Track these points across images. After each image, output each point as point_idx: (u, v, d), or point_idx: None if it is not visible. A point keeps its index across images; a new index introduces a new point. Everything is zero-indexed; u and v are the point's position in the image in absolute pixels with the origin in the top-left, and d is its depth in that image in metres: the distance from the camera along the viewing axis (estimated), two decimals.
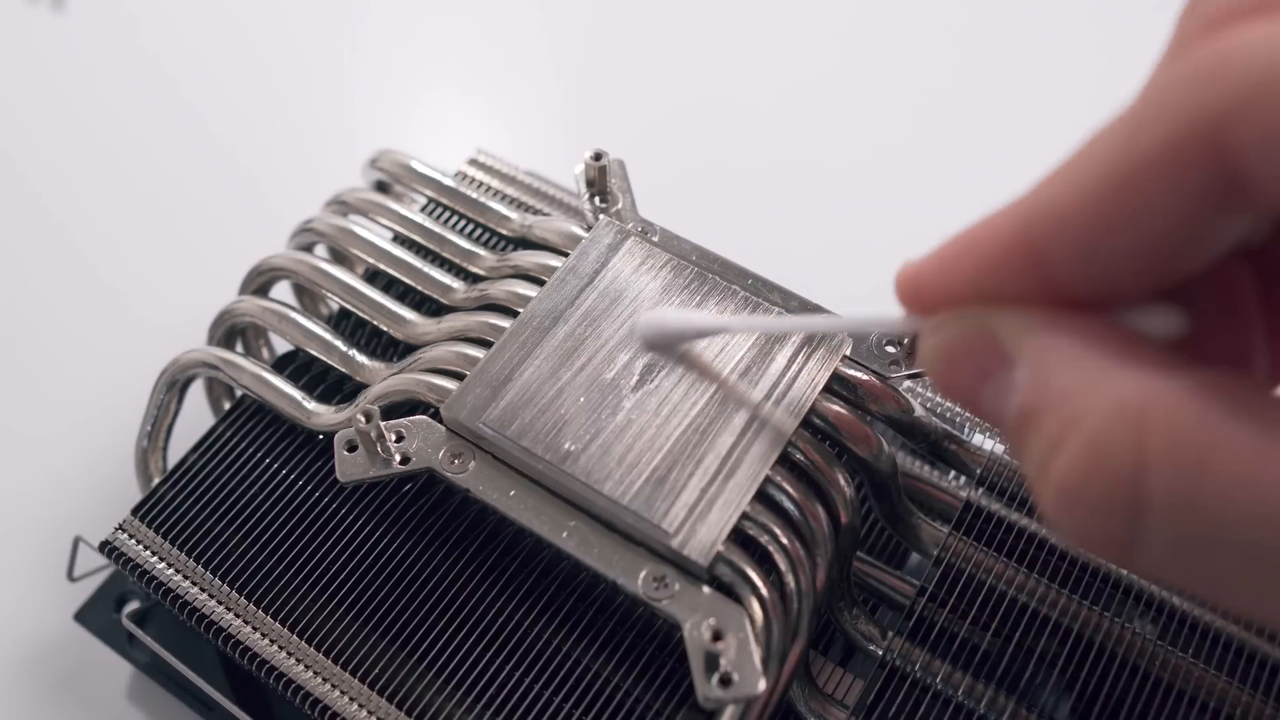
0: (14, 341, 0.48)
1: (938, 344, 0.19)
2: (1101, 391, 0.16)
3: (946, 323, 0.19)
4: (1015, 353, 0.18)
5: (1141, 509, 0.15)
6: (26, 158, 0.54)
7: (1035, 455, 0.17)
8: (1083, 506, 0.16)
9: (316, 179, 0.47)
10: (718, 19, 0.59)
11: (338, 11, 0.60)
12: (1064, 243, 0.17)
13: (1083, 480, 0.16)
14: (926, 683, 0.29)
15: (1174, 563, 0.16)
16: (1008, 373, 0.18)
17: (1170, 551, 0.16)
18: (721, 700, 0.26)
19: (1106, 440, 0.16)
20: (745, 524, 0.28)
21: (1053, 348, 0.17)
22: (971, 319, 0.18)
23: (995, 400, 0.18)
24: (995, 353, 0.18)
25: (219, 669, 0.35)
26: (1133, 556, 0.16)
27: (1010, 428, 0.18)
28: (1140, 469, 0.15)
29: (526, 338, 0.31)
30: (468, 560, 0.32)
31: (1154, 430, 0.15)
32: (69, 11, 0.60)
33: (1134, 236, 0.16)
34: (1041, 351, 0.17)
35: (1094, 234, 0.17)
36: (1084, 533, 0.16)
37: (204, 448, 0.35)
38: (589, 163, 0.35)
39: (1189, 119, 0.15)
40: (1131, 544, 0.16)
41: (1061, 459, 0.16)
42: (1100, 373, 0.16)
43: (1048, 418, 0.17)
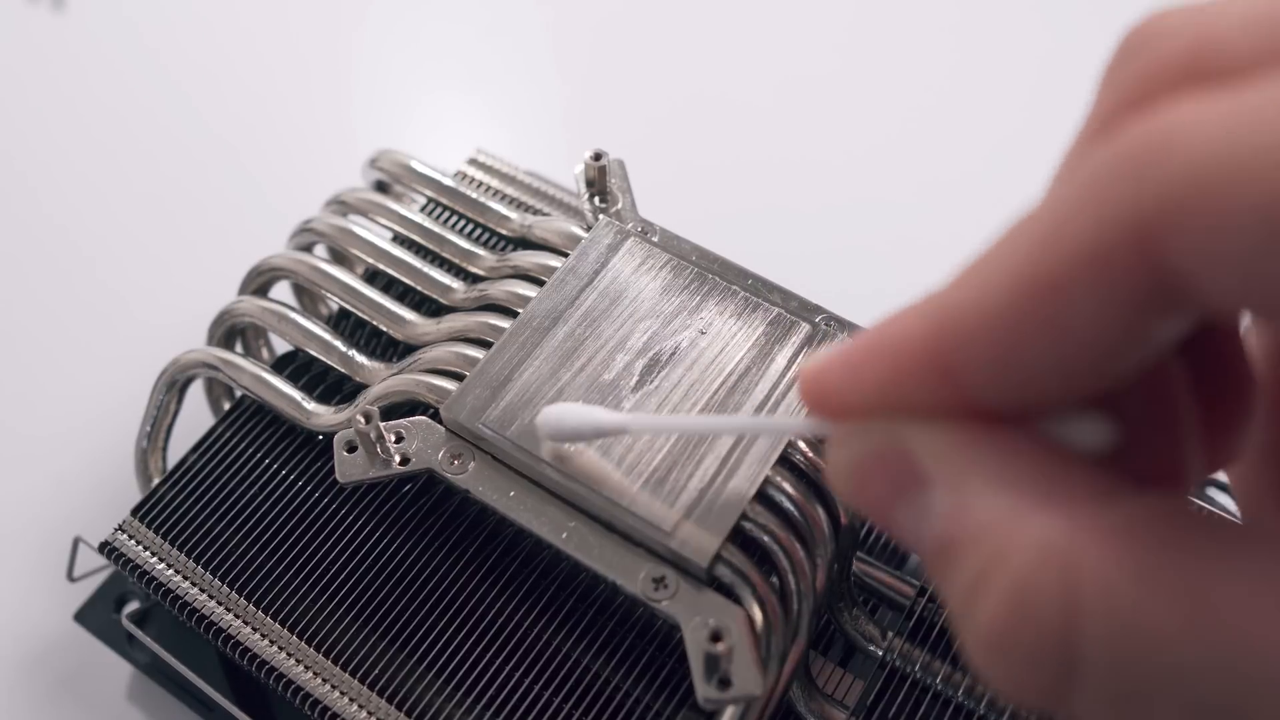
0: (14, 342, 0.48)
1: (846, 458, 0.17)
2: (1026, 529, 0.15)
3: (855, 435, 0.17)
4: (931, 473, 0.16)
5: (1073, 662, 0.14)
6: (26, 158, 0.54)
7: (957, 594, 0.16)
8: (1011, 657, 0.15)
9: (316, 179, 0.47)
10: (718, 19, 0.59)
11: (337, 11, 0.60)
12: (974, 356, 0.15)
13: (1010, 630, 0.15)
14: (926, 683, 0.29)
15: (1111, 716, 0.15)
16: (923, 494, 0.16)
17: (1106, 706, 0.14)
18: (721, 701, 0.26)
19: (1033, 587, 0.14)
20: (745, 524, 0.28)
21: (971, 471, 0.16)
22: (882, 432, 0.17)
23: (911, 523, 0.16)
24: (909, 471, 0.16)
25: (218, 669, 0.35)
26: (1067, 708, 0.15)
27: (928, 556, 0.16)
28: (1071, 621, 0.14)
29: (526, 338, 0.31)
30: (467, 561, 0.32)
31: (1084, 577, 0.14)
32: (69, 11, 0.60)
33: (1052, 349, 0.15)
34: (959, 475, 0.16)
35: (1007, 348, 0.15)
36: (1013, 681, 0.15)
37: (203, 448, 0.35)
38: (589, 163, 0.35)
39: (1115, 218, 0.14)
40: (1064, 696, 0.15)
41: (986, 605, 0.15)
42: (1024, 504, 0.15)
43: (969, 553, 0.15)
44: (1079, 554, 0.14)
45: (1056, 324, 0.14)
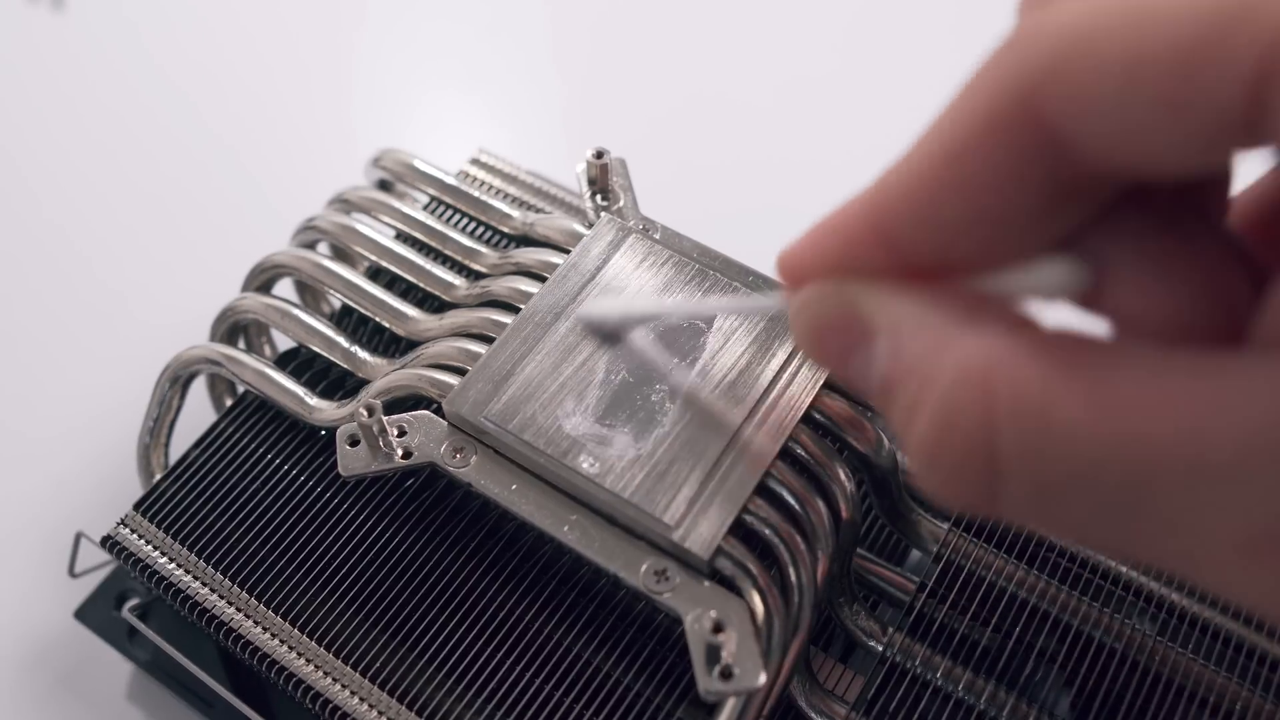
0: (15, 342, 0.48)
1: (806, 319, 0.20)
2: (949, 354, 0.17)
3: (811, 300, 0.20)
4: (874, 324, 0.18)
5: (996, 465, 0.16)
6: (26, 158, 0.54)
7: (897, 421, 0.18)
8: (942, 466, 0.17)
9: (316, 179, 0.47)
10: (718, 18, 0.60)
11: (337, 11, 0.60)
12: (903, 218, 0.18)
13: (938, 442, 0.17)
14: (927, 678, 0.30)
15: (1035, 511, 0.17)
16: (870, 344, 0.18)
17: (1029, 501, 0.16)
18: (722, 693, 0.26)
19: (954, 403, 0.16)
20: (746, 518, 0.28)
21: (906, 316, 0.18)
22: (834, 294, 0.19)
23: (862, 372, 0.19)
24: (858, 326, 0.19)
25: (219, 665, 0.35)
26: (996, 507, 0.17)
27: (876, 397, 0.19)
28: (989, 428, 0.16)
29: (528, 333, 0.31)
30: (470, 555, 0.32)
31: (998, 389, 0.16)
32: (69, 11, 0.60)
33: (965, 207, 0.17)
34: (895, 320, 0.18)
35: (927, 208, 0.17)
36: (947, 489, 0.17)
37: (206, 443, 0.35)
38: (590, 161, 0.35)
39: (1003, 86, 0.16)
40: (992, 497, 0.17)
41: (918, 423, 0.17)
42: (948, 335, 0.17)
43: (903, 384, 0.18)
44: (993, 370, 0.16)
45: (966, 183, 0.17)
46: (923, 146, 0.17)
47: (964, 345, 0.17)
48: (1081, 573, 0.30)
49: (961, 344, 0.17)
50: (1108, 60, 0.15)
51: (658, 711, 0.30)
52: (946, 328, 0.17)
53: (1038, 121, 0.16)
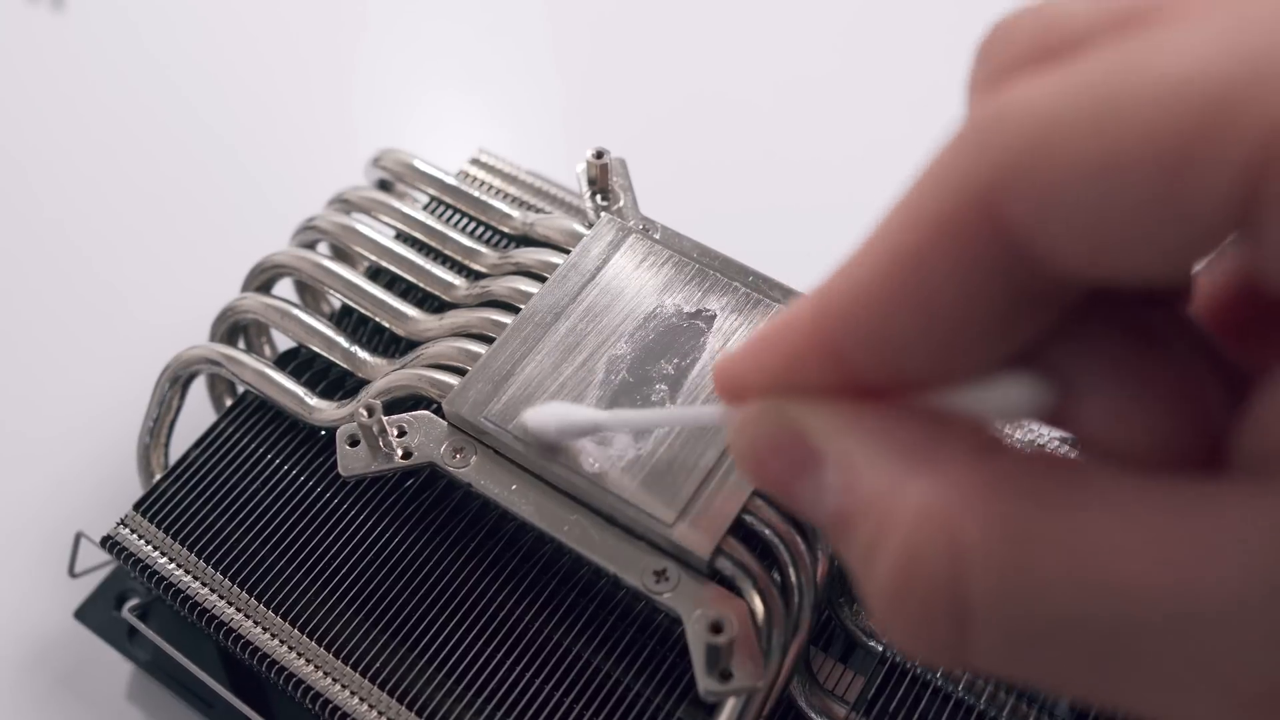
0: (15, 342, 0.48)
1: (746, 440, 0.18)
2: (907, 495, 0.15)
3: (751, 420, 0.18)
4: (822, 451, 0.17)
5: (965, 614, 0.15)
6: (26, 158, 0.54)
7: (856, 561, 0.16)
8: (906, 616, 0.15)
9: (316, 179, 0.47)
10: (717, 18, 0.60)
11: (337, 11, 0.60)
12: (852, 331, 0.16)
13: (902, 590, 0.15)
14: (927, 678, 0.30)
15: (1010, 664, 0.15)
16: (818, 472, 0.17)
17: (1001, 652, 0.15)
18: (722, 693, 0.26)
19: (918, 548, 0.15)
20: (746, 518, 0.28)
21: (857, 446, 0.16)
22: (777, 414, 0.17)
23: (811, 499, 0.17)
24: (804, 450, 0.17)
25: (219, 665, 0.35)
26: (966, 659, 0.15)
27: (828, 530, 0.17)
28: (956, 574, 0.15)
29: (528, 333, 0.31)
30: (469, 555, 0.32)
31: (965, 532, 0.15)
32: (69, 11, 0.60)
33: (919, 320, 0.15)
34: (846, 451, 0.16)
35: (878, 322, 0.16)
36: (912, 640, 0.16)
37: (206, 443, 0.35)
38: (590, 160, 0.35)
39: (960, 188, 0.14)
40: (963, 648, 0.15)
41: (880, 569, 0.15)
42: (907, 469, 0.15)
43: (860, 524, 0.16)
44: (957, 513, 0.15)
45: (918, 295, 0.15)
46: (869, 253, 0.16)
47: (924, 483, 0.15)
48: None
49: (921, 481, 0.15)
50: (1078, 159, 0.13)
51: (658, 711, 0.30)
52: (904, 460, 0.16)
53: (997, 226, 0.14)
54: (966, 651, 0.15)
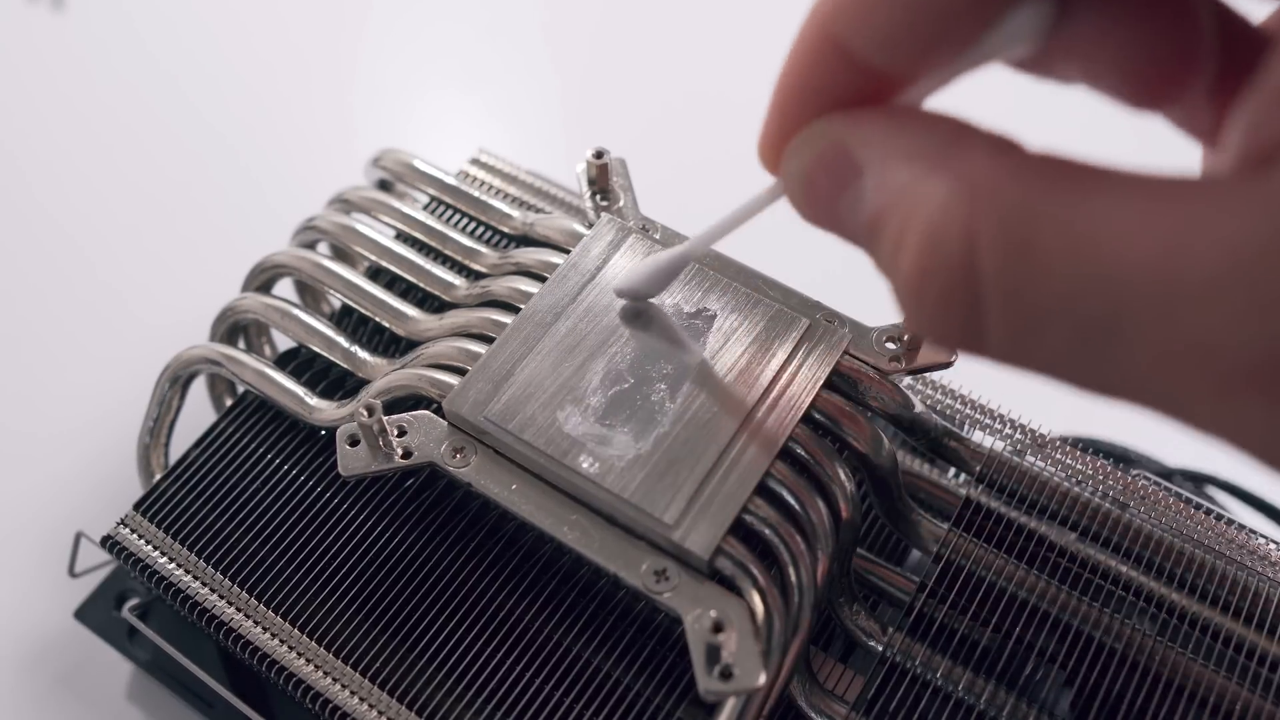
0: (14, 342, 0.48)
1: (795, 166, 0.19)
2: (933, 184, 0.16)
3: (797, 147, 0.19)
4: (861, 159, 0.18)
5: (979, 295, 0.16)
6: (26, 158, 0.54)
7: (885, 257, 0.17)
8: (928, 300, 0.16)
9: (316, 179, 0.47)
10: (717, 17, 0.60)
11: (338, 11, 0.60)
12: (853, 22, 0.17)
13: (923, 274, 0.16)
14: (927, 678, 0.30)
15: (1016, 346, 0.16)
16: (858, 182, 0.18)
17: (1012, 335, 0.16)
18: (722, 692, 0.26)
19: (939, 230, 0.16)
20: (746, 518, 0.28)
21: (889, 145, 0.17)
22: (819, 134, 0.18)
23: (851, 212, 0.18)
24: (846, 163, 0.18)
25: (219, 665, 0.35)
26: (983, 345, 0.16)
27: (865, 237, 0.18)
28: (972, 255, 0.15)
29: (528, 333, 0.31)
30: (470, 555, 0.32)
31: (981, 213, 0.15)
32: (69, 11, 0.60)
33: None
34: (880, 151, 0.17)
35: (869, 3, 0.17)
36: (934, 326, 0.17)
37: (206, 443, 0.35)
38: (590, 160, 0.35)
39: None
40: (979, 333, 0.16)
41: (904, 256, 0.17)
42: (933, 161, 0.16)
43: (890, 216, 0.17)
44: (975, 197, 0.16)
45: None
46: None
47: (948, 169, 0.16)
48: (1081, 573, 0.30)
49: (946, 168, 0.16)
50: None
51: (658, 711, 0.30)
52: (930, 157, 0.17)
53: None
54: (982, 337, 0.16)
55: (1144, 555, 0.30)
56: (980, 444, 0.32)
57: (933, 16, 0.17)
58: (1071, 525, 0.31)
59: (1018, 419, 0.33)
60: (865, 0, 0.17)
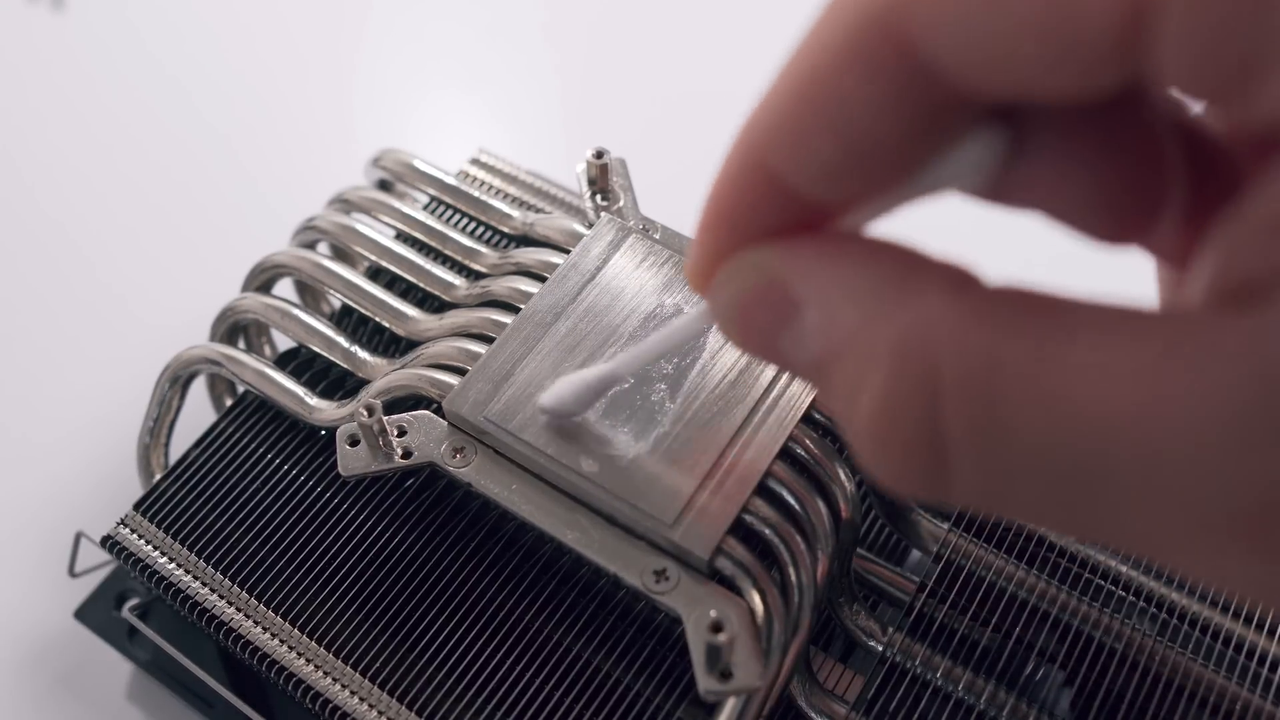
0: (15, 343, 0.48)
1: (725, 298, 0.18)
2: (887, 329, 0.15)
3: (728, 276, 0.18)
4: (800, 294, 0.17)
5: (943, 448, 0.15)
6: (25, 158, 0.54)
7: (839, 403, 0.16)
8: (889, 451, 0.16)
9: (316, 179, 0.47)
10: (718, 17, 0.60)
11: (338, 12, 0.60)
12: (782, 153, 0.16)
13: (885, 423, 0.15)
14: (927, 678, 0.30)
15: (987, 496, 0.15)
16: (799, 318, 0.17)
17: (980, 486, 0.15)
18: (722, 693, 0.26)
19: (899, 380, 0.15)
20: (746, 517, 0.28)
21: (832, 283, 0.16)
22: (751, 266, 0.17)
23: (795, 348, 0.17)
24: (782, 296, 0.17)
25: (219, 665, 0.35)
26: (949, 494, 0.15)
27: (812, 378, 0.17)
28: (935, 404, 0.15)
29: (528, 333, 0.31)
30: (470, 555, 0.32)
31: (942, 363, 0.15)
32: (68, 11, 0.60)
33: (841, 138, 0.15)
34: (823, 290, 0.16)
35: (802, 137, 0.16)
36: (897, 476, 0.16)
37: (206, 443, 0.35)
38: (590, 160, 0.35)
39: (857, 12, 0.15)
40: (945, 482, 0.15)
41: (862, 406, 0.16)
42: (885, 304, 0.15)
43: (843, 362, 0.16)
44: (935, 344, 0.15)
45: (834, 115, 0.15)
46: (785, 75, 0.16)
47: (903, 313, 0.15)
48: (1081, 573, 0.30)
49: (900, 312, 0.15)
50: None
51: (658, 711, 0.30)
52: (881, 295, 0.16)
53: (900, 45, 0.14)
54: (948, 486, 0.15)
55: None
56: None
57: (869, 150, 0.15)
58: None
59: None
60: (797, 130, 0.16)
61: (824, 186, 0.16)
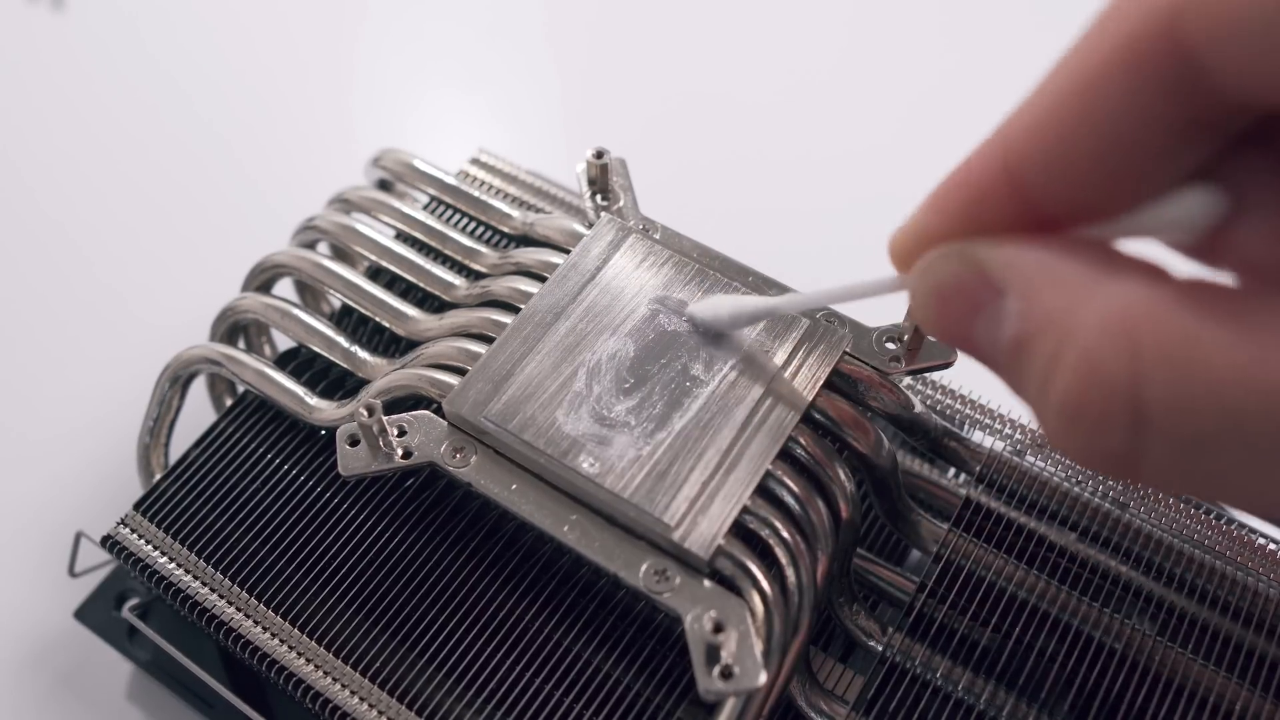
0: (15, 342, 0.48)
1: (928, 285, 0.19)
2: (1090, 307, 0.16)
3: (934, 263, 0.19)
4: (1004, 282, 0.18)
5: (1141, 418, 0.16)
6: (25, 158, 0.54)
7: (1033, 381, 0.17)
8: (1084, 424, 0.16)
9: (316, 179, 0.47)
10: (718, 17, 0.60)
11: (338, 11, 0.60)
12: (1036, 160, 0.17)
13: (1081, 397, 0.16)
14: (927, 678, 0.30)
15: (1178, 468, 0.16)
16: (999, 303, 0.18)
17: (1173, 457, 0.16)
18: (722, 693, 0.26)
19: (1099, 355, 0.16)
20: (746, 518, 0.28)
21: (1038, 270, 0.17)
22: (958, 255, 0.18)
23: (988, 334, 0.18)
24: (985, 285, 0.18)
25: (219, 665, 0.35)
26: (1139, 468, 0.16)
27: (1006, 360, 0.18)
28: (1135, 379, 0.15)
29: (529, 333, 0.31)
30: (470, 555, 0.32)
31: (1144, 339, 0.15)
32: (68, 11, 0.60)
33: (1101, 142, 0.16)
34: (1028, 276, 0.17)
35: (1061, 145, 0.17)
36: (1089, 450, 0.17)
37: (206, 443, 0.35)
38: (590, 160, 0.35)
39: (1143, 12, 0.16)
40: (1136, 455, 0.16)
41: (1058, 380, 0.16)
42: (1086, 288, 0.16)
43: (1041, 341, 0.17)
44: (1137, 321, 0.16)
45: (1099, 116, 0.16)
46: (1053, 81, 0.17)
47: (1105, 296, 0.16)
48: (1081, 573, 0.30)
49: (1102, 295, 0.16)
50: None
51: (658, 711, 0.30)
52: (1084, 280, 0.17)
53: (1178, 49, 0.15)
54: (1140, 461, 0.16)
55: (1144, 555, 0.30)
56: (980, 444, 0.32)
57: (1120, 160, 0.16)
58: (1071, 525, 0.31)
59: (1018, 419, 0.33)
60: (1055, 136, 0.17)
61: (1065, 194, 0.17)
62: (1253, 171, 0.17)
